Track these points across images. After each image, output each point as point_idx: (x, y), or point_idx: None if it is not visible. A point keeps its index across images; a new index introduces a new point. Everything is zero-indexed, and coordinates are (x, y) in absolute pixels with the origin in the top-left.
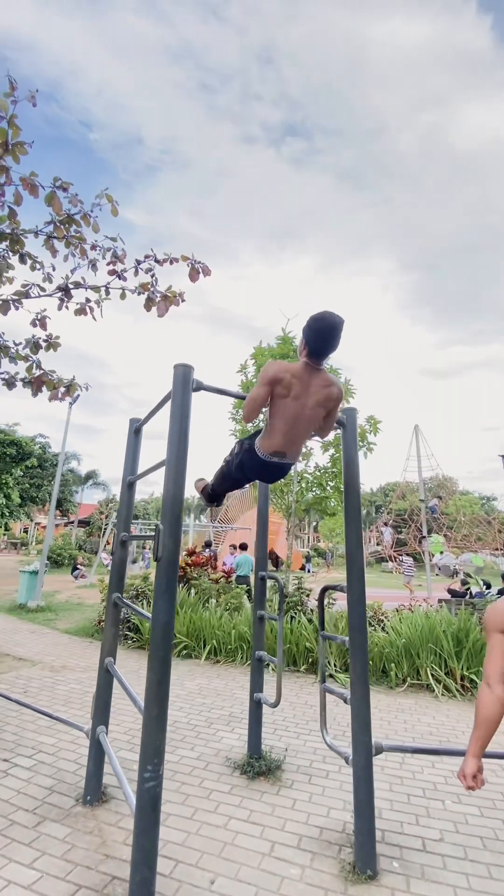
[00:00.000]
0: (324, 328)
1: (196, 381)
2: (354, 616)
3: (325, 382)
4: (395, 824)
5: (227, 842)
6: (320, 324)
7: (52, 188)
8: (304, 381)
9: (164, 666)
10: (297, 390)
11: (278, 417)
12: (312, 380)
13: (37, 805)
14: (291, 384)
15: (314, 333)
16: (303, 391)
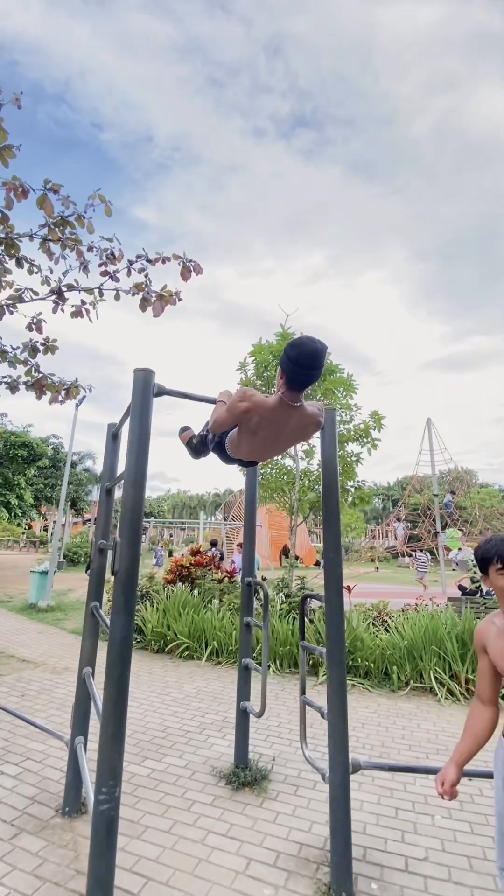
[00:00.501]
0: (301, 356)
1: (157, 386)
2: (332, 627)
3: (301, 421)
4: (378, 841)
5: (203, 858)
6: (297, 351)
7: (44, 191)
8: (275, 422)
9: (120, 684)
10: (266, 432)
11: (245, 442)
12: (287, 419)
13: (16, 816)
14: (260, 427)
15: (291, 363)
16: (273, 432)
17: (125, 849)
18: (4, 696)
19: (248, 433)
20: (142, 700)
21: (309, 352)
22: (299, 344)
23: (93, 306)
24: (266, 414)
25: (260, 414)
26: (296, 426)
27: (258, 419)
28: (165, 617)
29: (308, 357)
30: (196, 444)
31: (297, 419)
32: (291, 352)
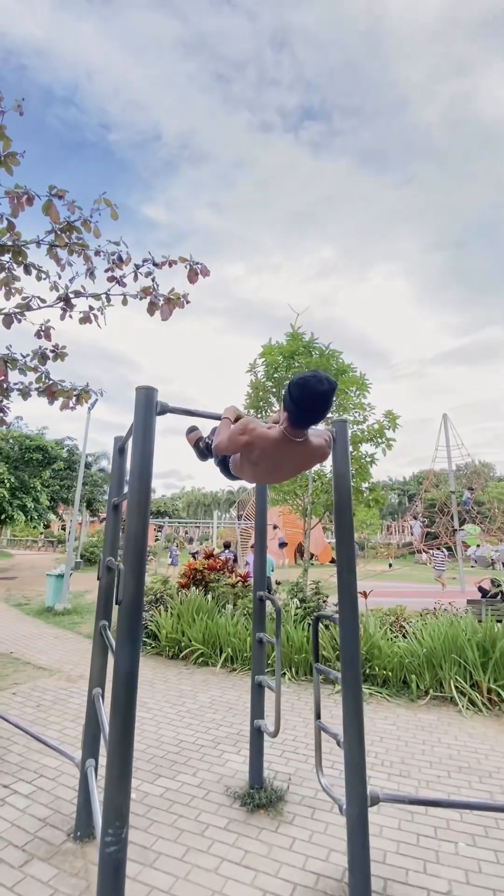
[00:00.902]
0: (306, 401)
1: (160, 404)
2: (347, 651)
3: (306, 454)
4: (399, 872)
5: (216, 890)
6: (302, 394)
7: (49, 197)
8: (277, 456)
9: (127, 721)
10: (267, 464)
11: (247, 470)
12: (289, 453)
13: (28, 840)
14: (261, 459)
15: (296, 404)
16: (275, 464)
17: (137, 878)
18: (20, 706)
19: (249, 463)
20: (156, 711)
21: (314, 396)
22: (304, 385)
23: (100, 312)
24: (267, 448)
25: (261, 447)
26: (300, 459)
27: (259, 452)
28: (180, 622)
29: (313, 402)
30: (203, 448)
31: (302, 452)
32: (295, 392)
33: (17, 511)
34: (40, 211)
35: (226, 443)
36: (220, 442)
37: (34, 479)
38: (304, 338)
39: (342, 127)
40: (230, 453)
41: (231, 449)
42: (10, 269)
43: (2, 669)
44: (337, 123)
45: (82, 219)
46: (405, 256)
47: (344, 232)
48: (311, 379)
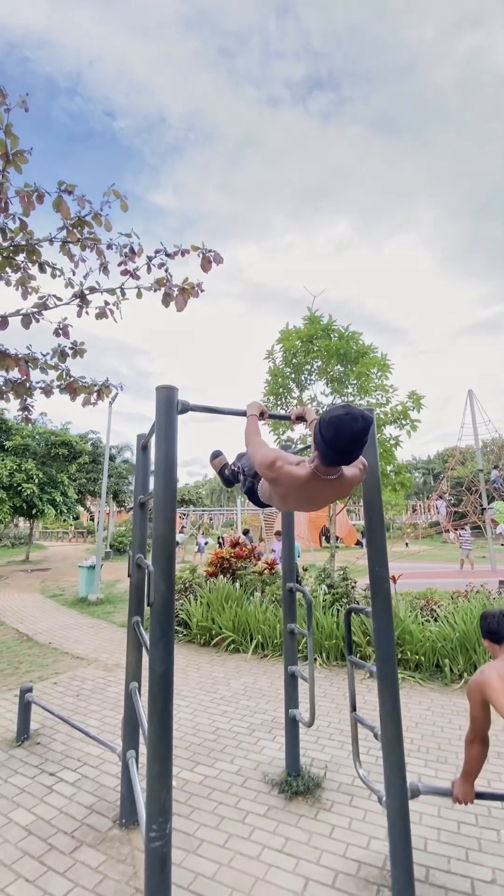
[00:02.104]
0: (339, 440)
1: (182, 403)
2: (382, 647)
3: (339, 489)
4: (441, 860)
5: (259, 877)
6: (335, 433)
7: (58, 193)
8: (306, 493)
9: (164, 719)
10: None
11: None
12: (322, 489)
13: (76, 827)
14: (289, 494)
15: (328, 445)
16: (306, 498)
17: (182, 864)
18: (61, 696)
19: (278, 496)
20: (191, 699)
21: (348, 436)
22: (337, 423)
23: (116, 306)
24: (295, 486)
25: (287, 486)
26: (332, 493)
27: (285, 490)
28: (209, 610)
29: (347, 442)
30: (227, 476)
31: (334, 487)
32: (328, 433)
33: (47, 505)
34: (50, 208)
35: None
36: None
37: (61, 473)
38: (322, 321)
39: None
40: None
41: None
42: (26, 268)
43: (42, 659)
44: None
45: (93, 213)
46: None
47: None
48: (344, 417)
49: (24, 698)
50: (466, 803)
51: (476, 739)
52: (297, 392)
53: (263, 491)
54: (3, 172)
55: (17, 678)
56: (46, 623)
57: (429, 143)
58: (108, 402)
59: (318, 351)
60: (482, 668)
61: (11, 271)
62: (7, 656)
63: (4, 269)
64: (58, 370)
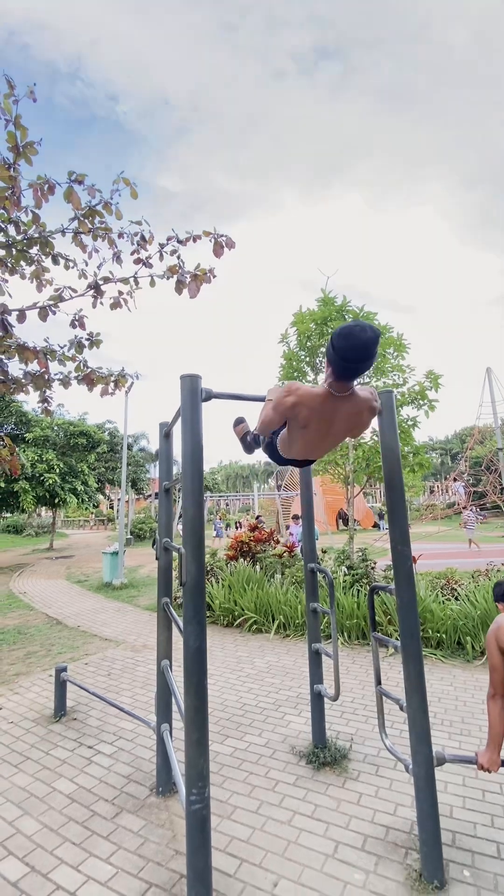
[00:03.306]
0: (349, 349)
1: (205, 391)
2: (406, 622)
3: (353, 409)
4: (467, 826)
5: (291, 840)
6: (345, 343)
7: (69, 183)
8: (325, 413)
9: (200, 691)
10: (317, 425)
11: (295, 441)
12: (337, 410)
13: (115, 795)
14: (309, 420)
15: (339, 354)
16: (324, 424)
17: (218, 829)
18: (93, 675)
19: (298, 429)
20: (217, 677)
21: (357, 344)
22: (347, 334)
23: (130, 296)
24: (315, 405)
25: (308, 406)
26: (348, 415)
27: (307, 412)
28: (231, 592)
29: (357, 350)
30: (250, 441)
31: (349, 407)
32: (338, 343)
33: (68, 494)
34: (59, 199)
35: (272, 413)
36: (266, 415)
37: (81, 463)
38: (337, 302)
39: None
40: (277, 424)
41: (277, 418)
42: (39, 261)
43: (73, 642)
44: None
45: (103, 202)
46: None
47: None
48: (353, 328)
49: (59, 677)
50: (491, 771)
51: (497, 694)
52: (312, 375)
53: (283, 441)
54: (14, 165)
55: (50, 659)
56: (74, 607)
57: (441, 111)
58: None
59: None
60: (497, 618)
61: (26, 264)
62: (39, 639)
63: (19, 263)
64: (75, 361)
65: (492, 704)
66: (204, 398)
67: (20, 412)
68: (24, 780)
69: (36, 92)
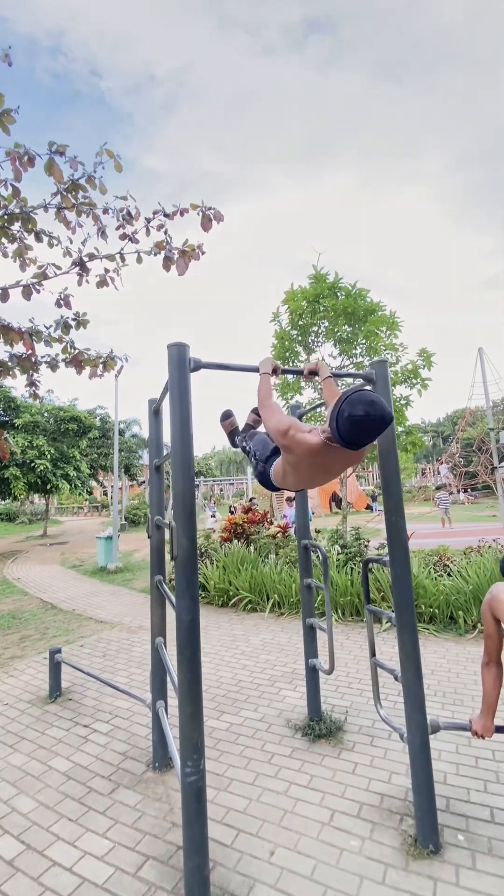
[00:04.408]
0: (361, 423)
1: (194, 360)
2: (400, 593)
3: (350, 458)
4: (460, 791)
5: (288, 809)
6: (363, 416)
7: (50, 155)
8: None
9: (193, 665)
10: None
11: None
12: (335, 457)
13: (112, 771)
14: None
15: (350, 427)
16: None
17: (214, 801)
18: (88, 656)
19: (292, 468)
20: (213, 655)
21: (374, 421)
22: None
23: (116, 273)
24: (306, 455)
25: (298, 455)
26: (346, 459)
27: (296, 459)
28: (226, 573)
29: (364, 435)
30: (236, 441)
31: (347, 455)
32: (354, 412)
33: (61, 481)
34: (40, 173)
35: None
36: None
37: (73, 448)
38: (329, 279)
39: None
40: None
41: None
42: (22, 238)
43: (68, 625)
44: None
45: (86, 175)
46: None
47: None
48: (374, 401)
49: (53, 659)
50: (485, 737)
51: (491, 662)
52: (305, 355)
53: (277, 472)
54: None
55: (45, 642)
56: (69, 592)
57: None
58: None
59: (325, 311)
60: (492, 587)
61: (7, 242)
62: (34, 623)
63: (0, 240)
64: (62, 343)
65: (486, 671)
66: (192, 368)
67: (8, 397)
68: (20, 760)
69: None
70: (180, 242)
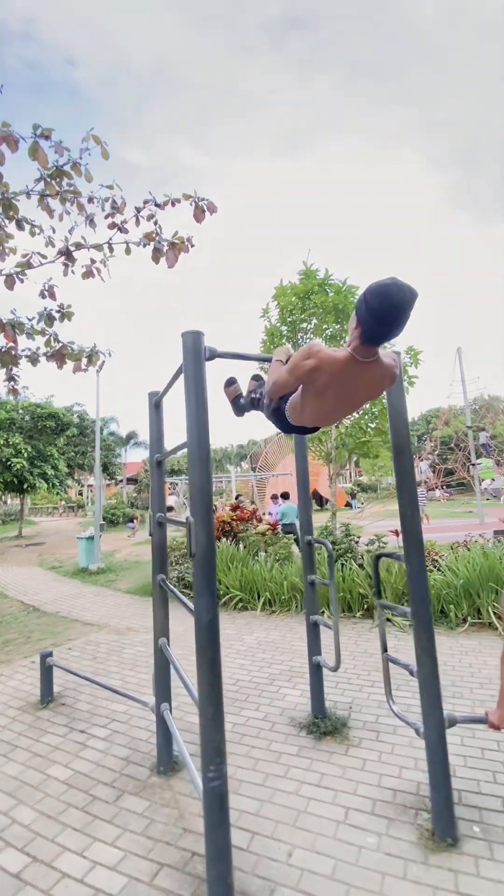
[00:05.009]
0: (386, 310)
1: (209, 350)
2: (416, 588)
3: (375, 376)
4: (470, 783)
5: (301, 809)
6: (384, 302)
7: (34, 138)
8: (346, 380)
9: (213, 667)
10: (335, 392)
11: (310, 406)
12: (359, 377)
13: (115, 777)
14: (328, 387)
15: (373, 315)
16: (343, 391)
17: None
18: (78, 659)
19: (315, 394)
20: None
21: (397, 304)
22: (385, 293)
23: (103, 264)
24: (336, 371)
25: (329, 371)
26: (368, 383)
27: (326, 378)
28: None
29: (396, 310)
30: (243, 404)
31: (371, 374)
32: (373, 301)
33: (38, 479)
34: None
35: (286, 376)
36: (279, 377)
37: (50, 446)
38: (319, 275)
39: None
40: (291, 388)
41: (293, 382)
42: (3, 225)
43: (53, 628)
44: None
45: (71, 162)
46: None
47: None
48: (391, 286)
49: (45, 663)
50: (502, 728)
51: None
52: None
53: (293, 407)
54: None
55: (30, 646)
56: (50, 594)
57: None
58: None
59: (315, 308)
60: None
61: None
62: (17, 627)
63: None
64: (45, 335)
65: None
66: (207, 357)
67: None
68: (15, 769)
69: None
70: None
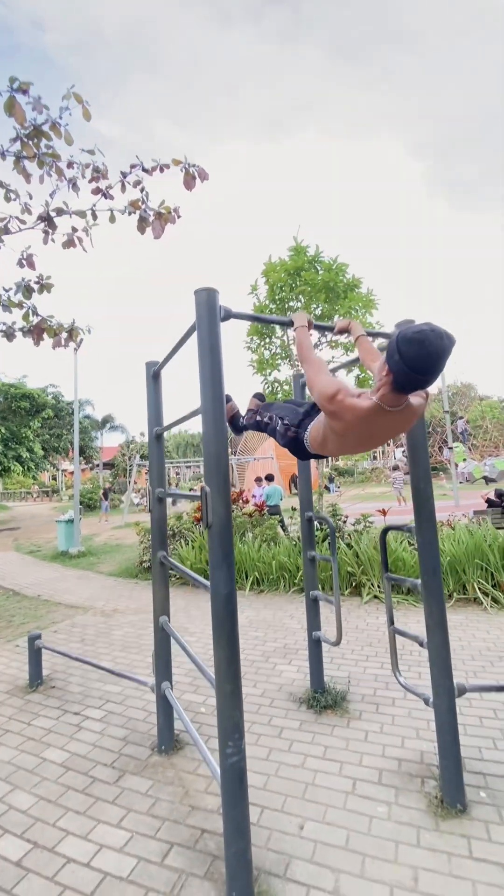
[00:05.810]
0: (423, 357)
1: (224, 309)
2: (427, 560)
3: (405, 418)
4: (472, 751)
5: (308, 782)
6: (420, 351)
7: (11, 92)
8: (369, 427)
9: (231, 641)
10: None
11: (332, 443)
12: (385, 424)
13: (114, 758)
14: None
15: (408, 364)
16: (367, 435)
17: None
18: (65, 642)
19: (334, 434)
20: (199, 634)
21: (434, 352)
22: (421, 340)
23: (86, 233)
24: (357, 422)
25: (349, 421)
26: (395, 424)
27: (345, 425)
28: (202, 552)
29: (432, 359)
30: (244, 424)
31: (399, 419)
32: (408, 349)
33: (12, 462)
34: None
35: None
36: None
37: (25, 428)
38: (309, 252)
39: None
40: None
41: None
42: None
43: (35, 611)
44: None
45: (50, 121)
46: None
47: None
48: (428, 332)
49: (33, 645)
50: None
51: None
52: (281, 332)
53: (315, 438)
54: None
55: (12, 630)
56: (30, 577)
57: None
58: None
59: (304, 285)
60: None
61: None
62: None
63: None
64: (22, 308)
65: None
66: (223, 317)
67: None
68: (8, 754)
69: None
70: (156, 202)
